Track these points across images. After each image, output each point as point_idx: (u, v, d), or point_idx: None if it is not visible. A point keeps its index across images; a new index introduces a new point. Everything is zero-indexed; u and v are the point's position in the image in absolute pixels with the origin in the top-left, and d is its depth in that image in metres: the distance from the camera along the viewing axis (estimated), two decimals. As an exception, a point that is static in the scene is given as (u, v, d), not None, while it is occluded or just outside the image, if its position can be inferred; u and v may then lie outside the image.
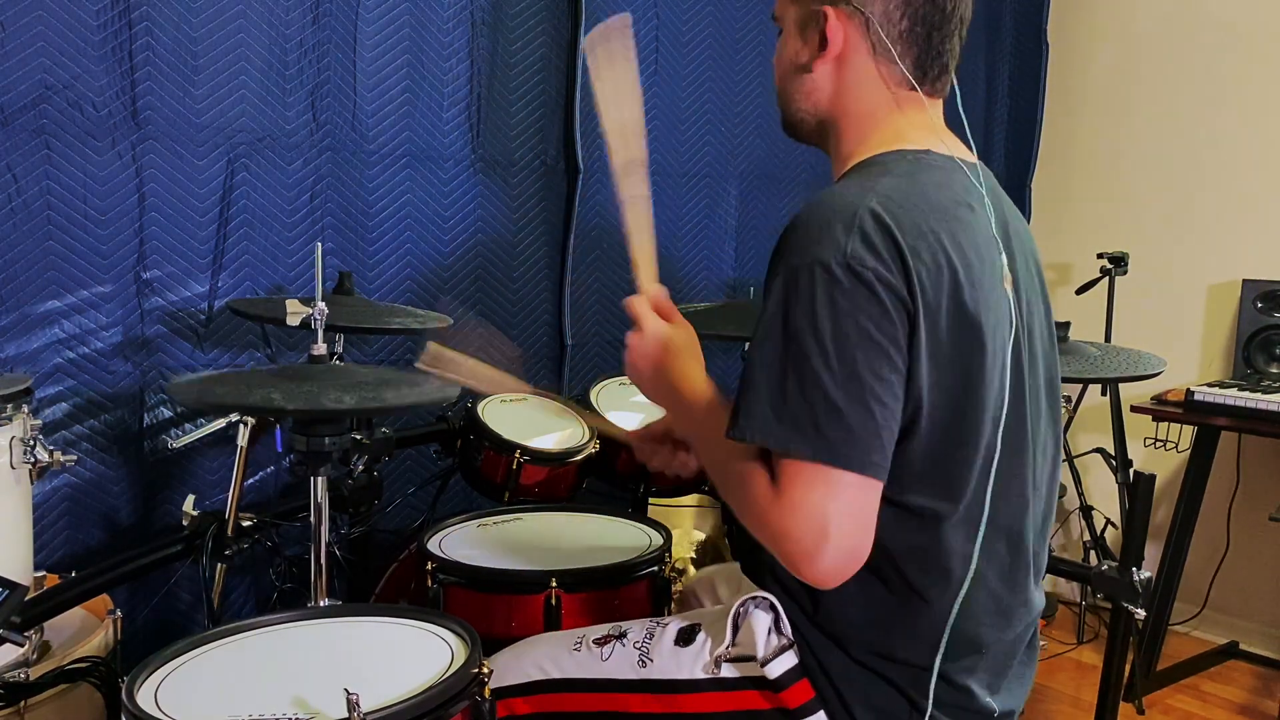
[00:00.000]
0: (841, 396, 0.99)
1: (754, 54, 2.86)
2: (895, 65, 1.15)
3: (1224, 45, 3.18)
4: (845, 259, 1.00)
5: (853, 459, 0.99)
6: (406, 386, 1.48)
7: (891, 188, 1.07)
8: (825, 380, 0.99)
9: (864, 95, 1.18)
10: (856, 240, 1.01)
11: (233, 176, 2.10)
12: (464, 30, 2.40)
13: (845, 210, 1.03)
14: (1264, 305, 2.99)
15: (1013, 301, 1.12)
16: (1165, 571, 2.85)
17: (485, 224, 2.49)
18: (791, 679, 1.14)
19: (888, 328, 1.00)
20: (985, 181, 1.18)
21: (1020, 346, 1.13)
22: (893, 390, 1.01)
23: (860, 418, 0.99)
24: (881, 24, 1.14)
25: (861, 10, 1.14)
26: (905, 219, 1.03)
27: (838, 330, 0.99)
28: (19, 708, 1.35)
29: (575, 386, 2.63)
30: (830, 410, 0.99)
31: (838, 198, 1.06)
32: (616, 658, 1.26)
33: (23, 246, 1.89)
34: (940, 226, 1.06)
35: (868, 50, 1.16)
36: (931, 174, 1.12)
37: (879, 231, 1.02)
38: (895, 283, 1.00)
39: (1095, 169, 3.50)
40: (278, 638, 1.32)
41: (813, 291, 1.00)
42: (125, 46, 1.95)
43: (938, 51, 1.16)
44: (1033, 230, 1.22)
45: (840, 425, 0.99)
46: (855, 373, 0.99)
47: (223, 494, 1.97)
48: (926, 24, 1.14)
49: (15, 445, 1.50)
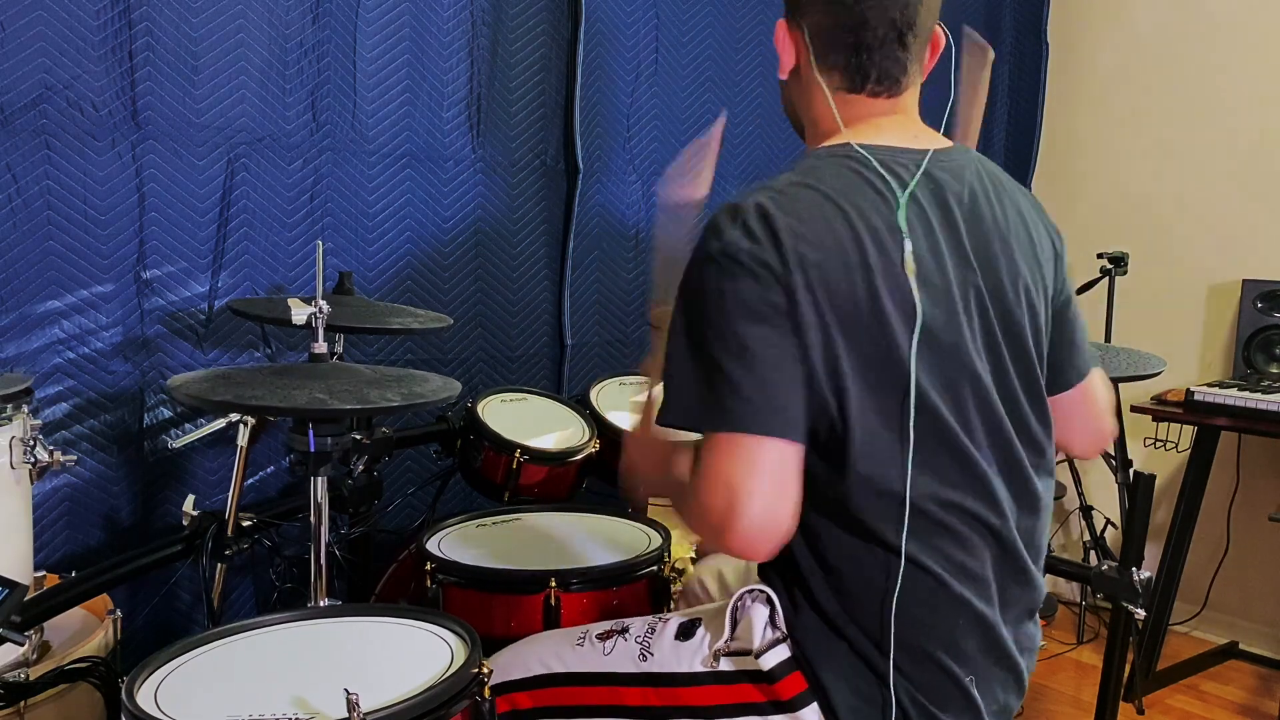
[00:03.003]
0: (736, 367, 1.05)
1: (754, 54, 2.86)
2: (832, 73, 1.21)
3: (1224, 45, 3.18)
4: (724, 247, 1.08)
5: (754, 423, 1.04)
6: (406, 386, 1.48)
7: (786, 182, 1.13)
8: (719, 355, 1.06)
9: (813, 103, 1.24)
10: (737, 231, 1.09)
11: (233, 176, 2.11)
12: (464, 30, 2.40)
13: (735, 208, 1.11)
14: (1264, 305, 2.99)
15: (915, 287, 1.11)
16: (1165, 571, 2.86)
17: (485, 224, 2.49)
18: (784, 671, 1.16)
19: (767, 296, 1.06)
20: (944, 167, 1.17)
21: (939, 328, 1.12)
22: (788, 356, 1.06)
23: (755, 385, 1.05)
24: (811, 32, 1.21)
25: (799, 22, 1.22)
26: (791, 208, 1.09)
27: (722, 307, 1.07)
28: (19, 708, 1.35)
29: (575, 386, 2.63)
30: (726, 382, 1.05)
31: (736, 198, 1.13)
32: (618, 652, 1.28)
33: (23, 246, 1.89)
34: (833, 214, 1.10)
35: (809, 60, 1.22)
36: (836, 165, 1.15)
37: (759, 220, 1.08)
38: (771, 261, 1.07)
39: (1095, 169, 3.50)
40: (278, 638, 1.32)
41: (701, 280, 1.09)
42: (125, 46, 1.95)
43: (875, 60, 1.19)
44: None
45: (737, 394, 1.05)
46: (743, 343, 1.05)
47: (223, 494, 1.98)
48: (851, 31, 1.18)
49: (15, 445, 1.50)
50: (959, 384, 1.13)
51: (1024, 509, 1.20)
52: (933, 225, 1.15)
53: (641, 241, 2.76)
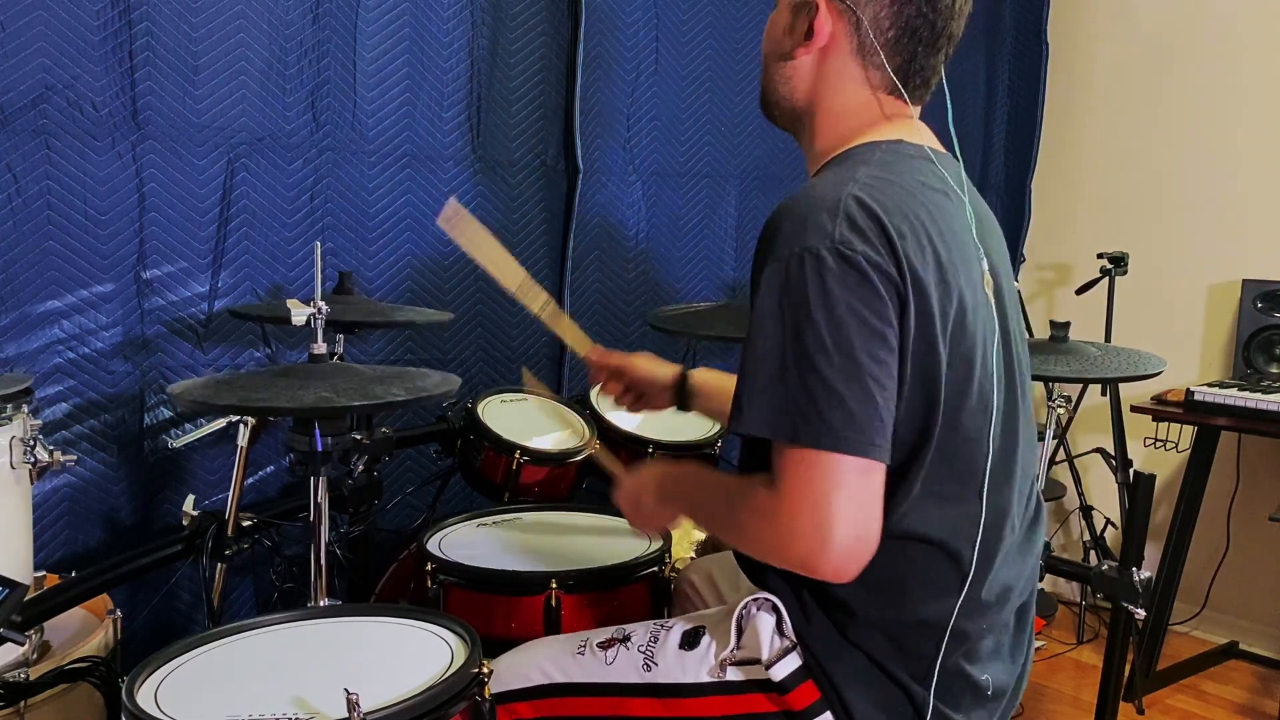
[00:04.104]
0: (840, 380, 0.99)
1: (754, 54, 2.86)
2: (879, 70, 1.16)
3: (1223, 45, 3.18)
4: (834, 244, 1.01)
5: (855, 443, 0.99)
6: (406, 386, 1.48)
7: (870, 176, 1.08)
8: (823, 365, 0.99)
9: (842, 92, 1.19)
10: (844, 226, 1.02)
11: (233, 176, 2.11)
12: (464, 30, 2.40)
13: (829, 199, 1.05)
14: (1264, 305, 2.99)
15: (990, 292, 1.13)
16: (1165, 571, 2.85)
17: (485, 224, 2.47)
18: (796, 681, 1.14)
19: (881, 309, 1.01)
20: (957, 173, 1.19)
21: (1009, 331, 1.16)
22: (890, 372, 1.02)
23: (860, 401, 0.99)
24: (871, 27, 1.15)
25: (854, 10, 1.15)
26: (889, 202, 1.05)
27: (832, 315, 1.00)
28: (19, 708, 1.35)
29: (575, 386, 2.63)
30: (830, 395, 0.99)
31: (819, 189, 1.08)
32: (621, 661, 1.26)
33: (23, 246, 1.89)
34: (920, 210, 1.07)
35: (851, 49, 1.17)
36: (906, 162, 1.14)
37: (864, 215, 1.03)
38: (885, 264, 1.01)
39: (1095, 169, 3.50)
40: (278, 638, 1.32)
41: (804, 278, 1.01)
42: (125, 46, 1.95)
43: (920, 66, 1.17)
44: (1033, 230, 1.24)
45: (841, 409, 0.98)
46: (853, 356, 0.99)
47: (223, 494, 1.98)
48: (915, 38, 1.15)
49: (15, 445, 1.50)
50: (1002, 387, 1.14)
51: (1030, 511, 1.23)
52: (976, 227, 1.16)
53: (641, 241, 2.76)
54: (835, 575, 1.02)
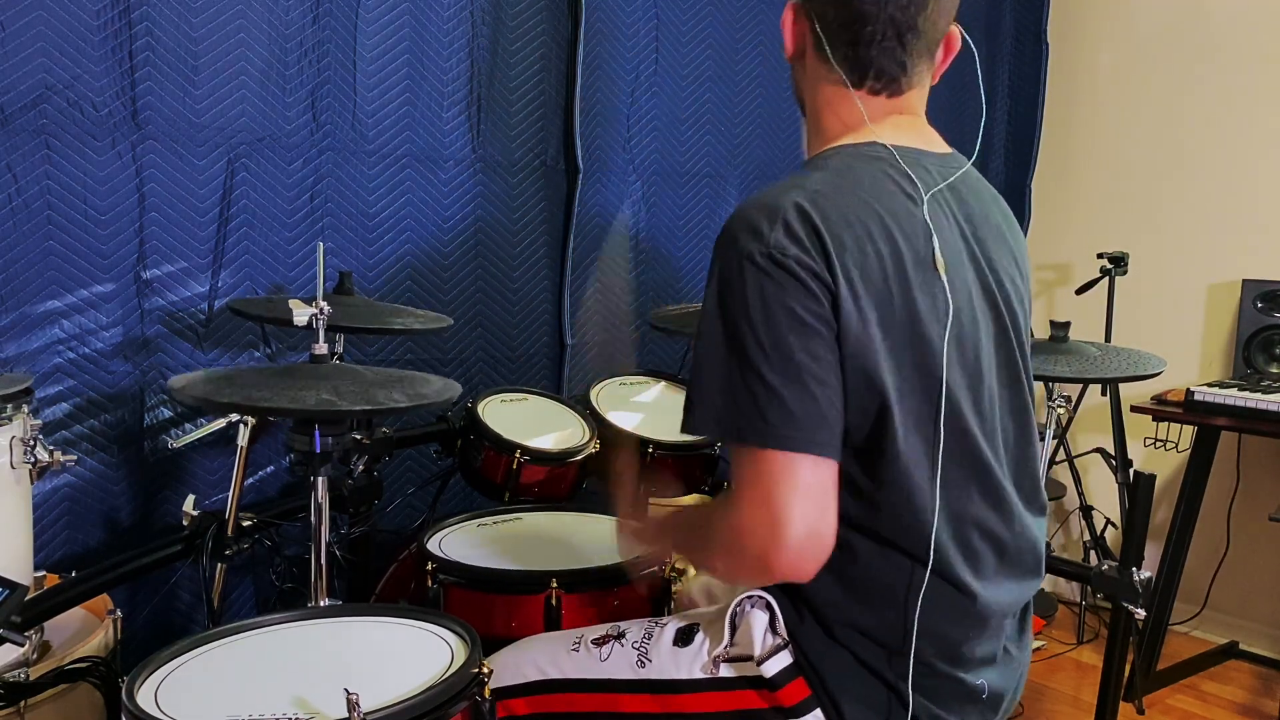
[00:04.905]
0: (779, 380, 1.01)
1: (754, 54, 2.85)
2: (829, 64, 1.18)
3: (1224, 45, 3.18)
4: (768, 249, 1.04)
5: (798, 441, 1.01)
6: (408, 392, 1.48)
7: (821, 181, 1.10)
8: (762, 366, 1.02)
9: (818, 92, 1.22)
10: (780, 232, 1.05)
11: (233, 176, 2.11)
12: (464, 30, 2.40)
13: (770, 206, 1.07)
14: (1264, 305, 2.99)
15: (947, 286, 1.12)
16: (1165, 571, 2.85)
17: (485, 224, 2.49)
18: (786, 678, 1.15)
19: (816, 308, 1.03)
20: (944, 172, 1.18)
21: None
22: (832, 368, 1.04)
23: (800, 400, 1.01)
24: (819, 23, 1.17)
25: (807, 9, 1.19)
26: (831, 211, 1.06)
27: (769, 317, 1.03)
28: (19, 708, 1.35)
29: (575, 386, 2.63)
30: (770, 395, 1.01)
31: (767, 195, 1.10)
32: (615, 658, 1.27)
33: (23, 246, 1.89)
34: (871, 216, 1.08)
35: (815, 48, 1.19)
36: (869, 164, 1.14)
37: (801, 222, 1.05)
38: (817, 267, 1.03)
39: (1095, 169, 3.50)
40: (278, 638, 1.32)
41: (743, 282, 1.04)
42: (125, 46, 1.95)
43: (876, 57, 1.16)
44: (1033, 230, 1.23)
45: (782, 409, 1.01)
46: (791, 357, 1.02)
47: (223, 494, 1.98)
48: (848, 24, 1.16)
49: (15, 445, 1.50)
50: (979, 390, 1.13)
51: (1033, 512, 1.22)
52: (953, 226, 1.15)
53: (641, 241, 2.76)
54: (793, 572, 1.03)
